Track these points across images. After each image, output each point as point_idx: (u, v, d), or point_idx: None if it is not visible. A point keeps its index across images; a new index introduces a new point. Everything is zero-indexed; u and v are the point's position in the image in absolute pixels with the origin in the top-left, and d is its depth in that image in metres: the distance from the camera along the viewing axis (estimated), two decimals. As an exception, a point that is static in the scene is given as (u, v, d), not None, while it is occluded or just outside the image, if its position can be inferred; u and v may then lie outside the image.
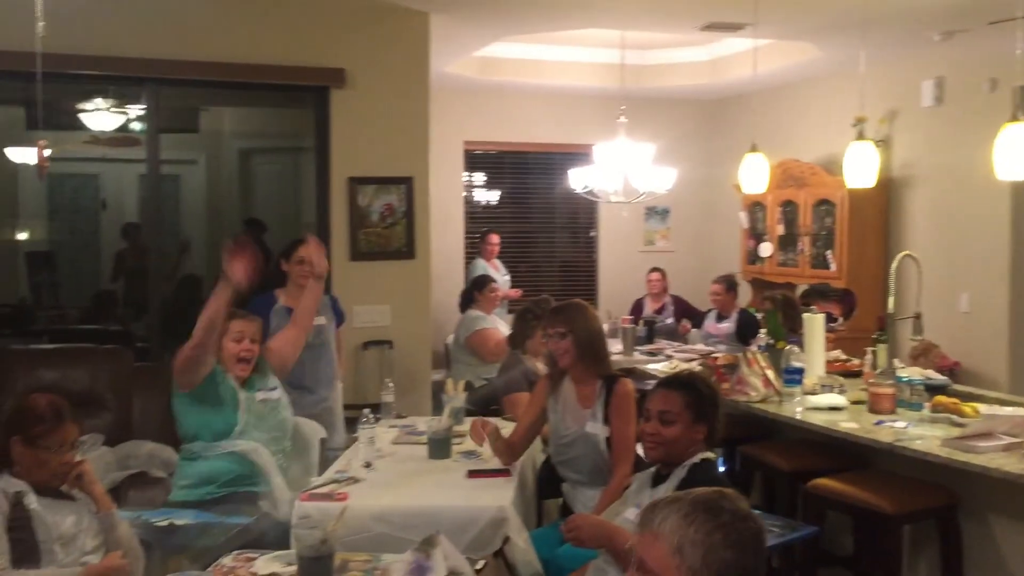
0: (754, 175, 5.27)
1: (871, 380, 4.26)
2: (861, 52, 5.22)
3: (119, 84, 6.10)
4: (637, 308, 7.85)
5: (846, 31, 5.75)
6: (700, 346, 6.90)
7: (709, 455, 2.82)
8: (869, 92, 6.57)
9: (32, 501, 2.67)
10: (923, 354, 5.51)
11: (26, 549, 2.60)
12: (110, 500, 2.81)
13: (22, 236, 8.43)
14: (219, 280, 3.48)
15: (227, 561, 2.73)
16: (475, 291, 6.43)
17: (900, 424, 3.85)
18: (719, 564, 1.56)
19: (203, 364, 3.53)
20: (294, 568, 2.59)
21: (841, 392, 4.32)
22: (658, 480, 2.82)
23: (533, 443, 3.88)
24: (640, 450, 3.03)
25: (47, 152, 4.06)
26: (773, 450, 4.37)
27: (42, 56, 3.95)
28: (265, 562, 2.70)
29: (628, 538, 2.54)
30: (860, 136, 4.60)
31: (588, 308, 3.73)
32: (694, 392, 2.82)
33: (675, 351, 6.64)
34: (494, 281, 6.59)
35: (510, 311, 7.31)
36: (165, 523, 3.25)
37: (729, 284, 7.21)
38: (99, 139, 7.69)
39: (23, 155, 7.44)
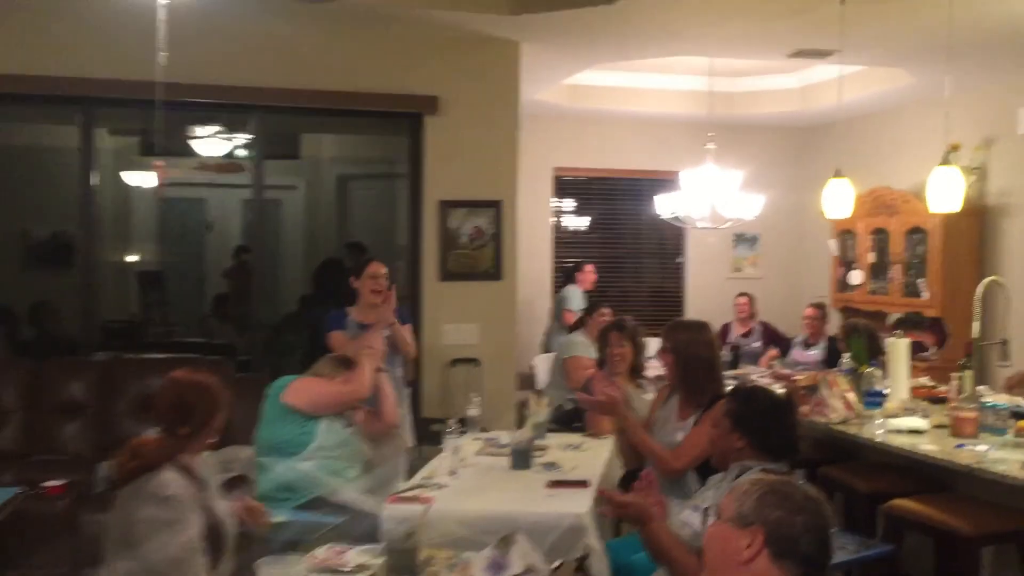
0: (838, 201, 5.29)
1: (954, 404, 4.24)
2: (946, 77, 5.21)
3: (228, 112, 6.46)
4: (724, 333, 7.85)
5: (936, 56, 5.73)
6: (784, 370, 6.86)
7: (769, 468, 2.83)
8: (963, 118, 6.50)
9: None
10: (1019, 384, 5.41)
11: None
12: None
13: (134, 257, 8.91)
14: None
15: (320, 552, 2.91)
16: (586, 315, 6.42)
17: (981, 448, 3.82)
18: (769, 519, 1.87)
19: None
20: (382, 560, 2.76)
21: (924, 416, 4.30)
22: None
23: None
24: None
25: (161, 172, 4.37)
26: (852, 472, 4.38)
27: (159, 85, 4.27)
28: (356, 554, 2.87)
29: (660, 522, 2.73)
30: (945, 161, 4.61)
31: (701, 332, 3.79)
32: (734, 401, 2.94)
33: (760, 376, 6.63)
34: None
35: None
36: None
37: (823, 310, 7.28)
38: (207, 165, 8.13)
39: (138, 179, 7.92)
